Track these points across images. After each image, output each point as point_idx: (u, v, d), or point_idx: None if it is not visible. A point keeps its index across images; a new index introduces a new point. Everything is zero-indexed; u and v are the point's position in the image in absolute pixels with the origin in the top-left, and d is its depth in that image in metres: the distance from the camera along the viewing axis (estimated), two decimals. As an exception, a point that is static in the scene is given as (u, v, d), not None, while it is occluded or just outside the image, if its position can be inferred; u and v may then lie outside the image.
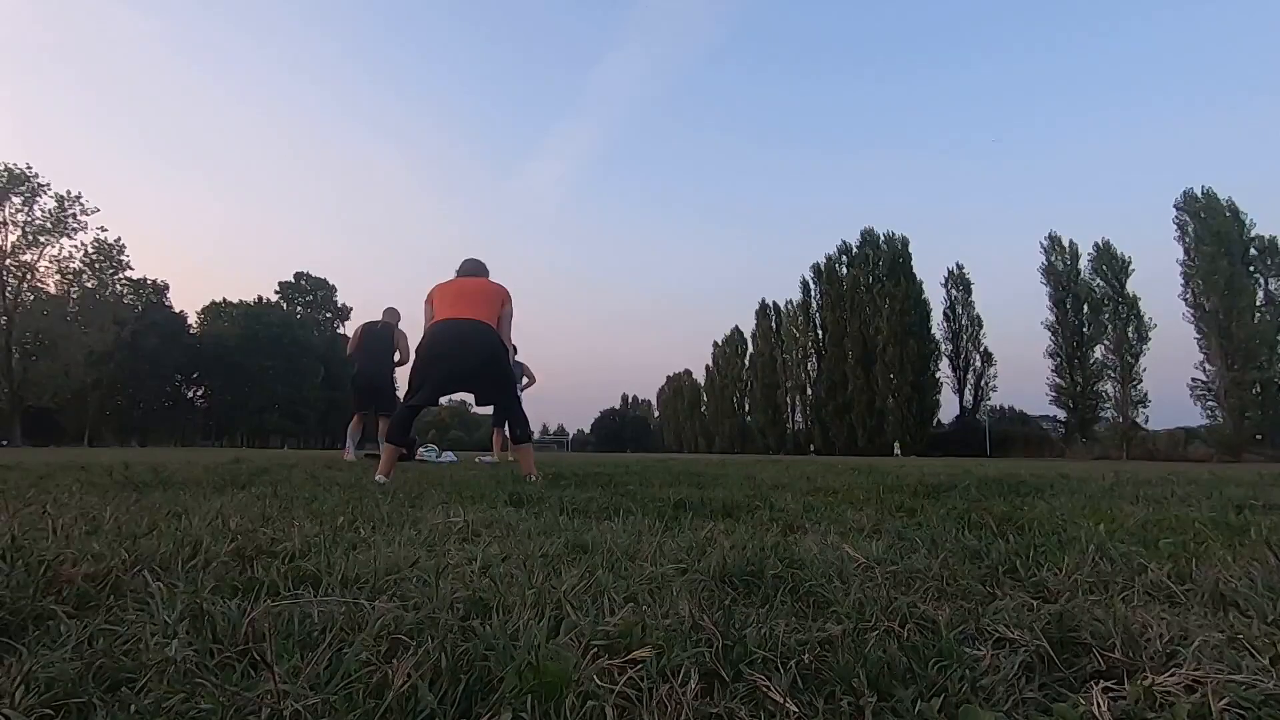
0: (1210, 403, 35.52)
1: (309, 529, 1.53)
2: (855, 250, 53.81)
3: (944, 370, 49.06)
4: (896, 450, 41.96)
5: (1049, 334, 42.95)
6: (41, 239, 38.69)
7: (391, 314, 7.44)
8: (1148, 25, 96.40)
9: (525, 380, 8.47)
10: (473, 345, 3.67)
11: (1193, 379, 36.25)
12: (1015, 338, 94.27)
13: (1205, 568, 1.20)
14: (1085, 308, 41.74)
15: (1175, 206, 37.88)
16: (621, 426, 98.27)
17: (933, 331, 48.98)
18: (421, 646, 0.72)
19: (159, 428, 56.17)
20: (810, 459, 14.99)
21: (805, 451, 48.26)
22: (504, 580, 1.03)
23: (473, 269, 4.14)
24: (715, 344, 74.16)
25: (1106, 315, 40.85)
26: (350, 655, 0.70)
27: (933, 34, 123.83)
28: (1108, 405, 40.59)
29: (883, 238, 52.36)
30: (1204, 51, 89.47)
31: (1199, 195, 37.38)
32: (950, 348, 49.35)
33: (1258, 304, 35.17)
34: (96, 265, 43.27)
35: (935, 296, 50.39)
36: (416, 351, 3.76)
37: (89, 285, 43.87)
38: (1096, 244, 42.18)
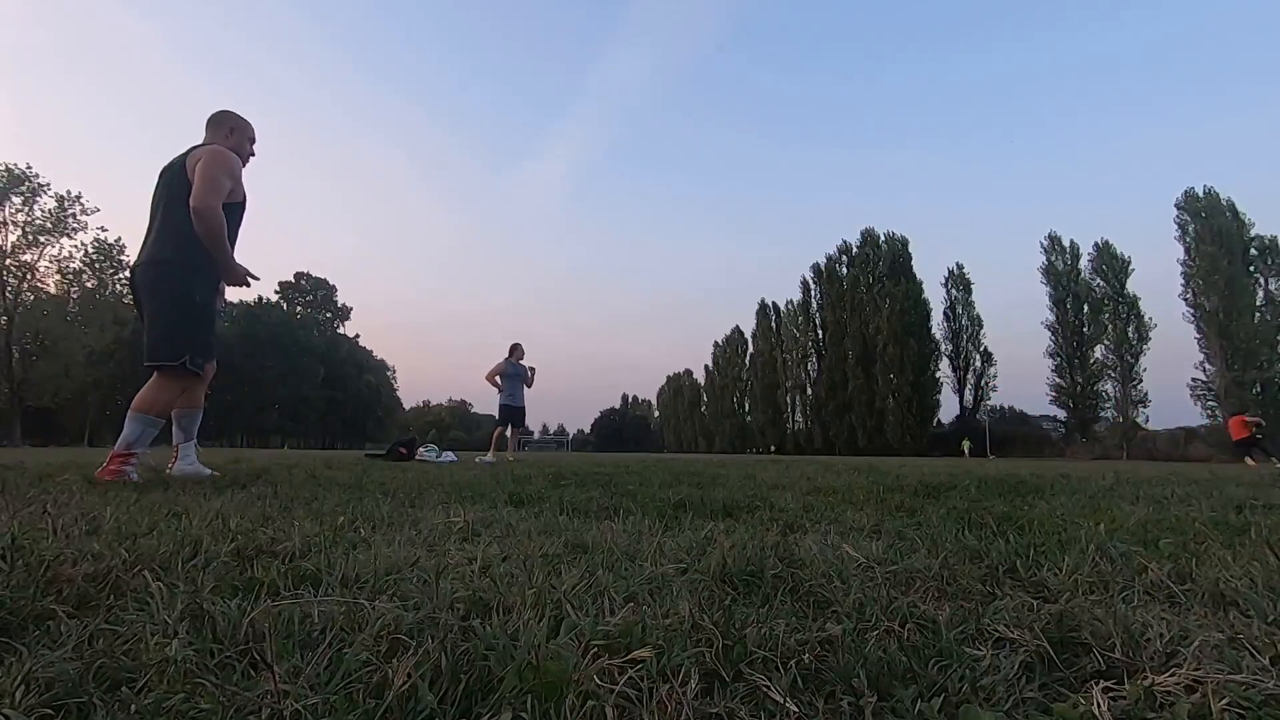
0: (1210, 403, 35.57)
1: (309, 529, 1.52)
2: (855, 250, 53.87)
3: (944, 370, 49.13)
4: (965, 448, 39.68)
5: (1049, 334, 43.05)
6: (41, 239, 38.69)
7: None
8: (1149, 26, 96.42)
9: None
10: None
11: (1193, 379, 36.35)
12: (1015, 338, 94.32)
13: (1205, 568, 1.20)
14: (1085, 308, 41.78)
15: (1176, 206, 37.93)
16: (621, 426, 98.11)
17: (933, 331, 49.07)
18: (421, 646, 0.72)
19: (159, 428, 56.06)
20: (810, 459, 14.97)
21: (804, 451, 48.13)
22: (504, 580, 1.03)
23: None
24: (715, 344, 74.27)
25: (1106, 315, 40.89)
26: (350, 655, 0.70)
27: (934, 34, 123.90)
28: (1108, 405, 40.67)
29: (883, 238, 52.41)
30: (1205, 52, 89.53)
31: (1199, 195, 37.40)
32: (950, 348, 49.39)
33: (1258, 304, 35.21)
34: (96, 265, 43.18)
35: (935, 296, 50.59)
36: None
37: (89, 285, 43.79)
38: (1096, 244, 42.26)
